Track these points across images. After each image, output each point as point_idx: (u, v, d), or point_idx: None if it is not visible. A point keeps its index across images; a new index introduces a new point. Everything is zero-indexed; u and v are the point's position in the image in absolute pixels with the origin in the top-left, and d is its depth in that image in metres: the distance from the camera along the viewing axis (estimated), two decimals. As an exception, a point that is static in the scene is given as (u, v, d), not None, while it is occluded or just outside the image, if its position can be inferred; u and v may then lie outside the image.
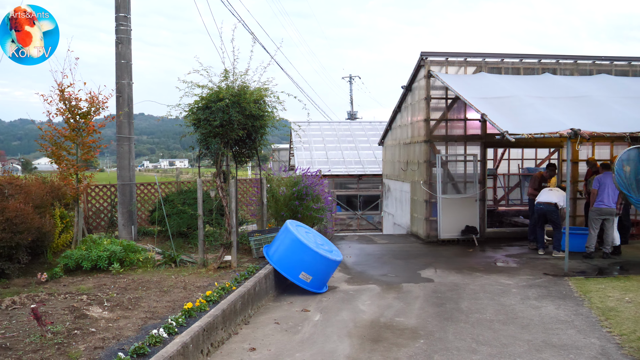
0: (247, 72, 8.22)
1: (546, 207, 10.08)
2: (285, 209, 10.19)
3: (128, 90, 10.54)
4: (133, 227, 10.57)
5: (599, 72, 12.74)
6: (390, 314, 6.55)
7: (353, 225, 21.42)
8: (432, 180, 12.06)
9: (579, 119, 9.04)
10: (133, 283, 6.93)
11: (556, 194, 10.13)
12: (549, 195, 10.17)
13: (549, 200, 10.08)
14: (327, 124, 26.34)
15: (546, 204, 10.08)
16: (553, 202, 10.03)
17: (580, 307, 6.67)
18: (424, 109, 12.17)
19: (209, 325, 5.10)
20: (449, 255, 10.40)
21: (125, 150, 10.56)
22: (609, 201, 9.58)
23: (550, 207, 10.05)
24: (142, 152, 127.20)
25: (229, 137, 7.83)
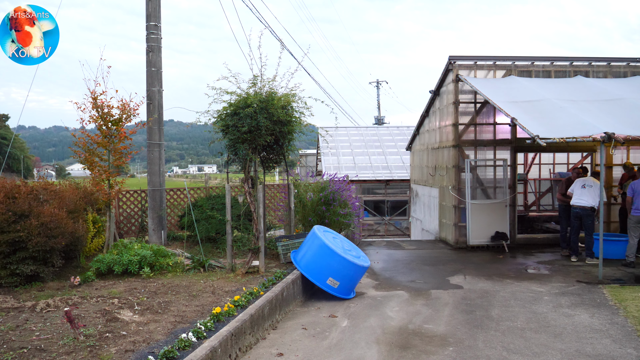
0: (274, 78, 8.29)
1: (582, 212, 9.84)
2: (313, 215, 10.20)
3: (158, 97, 10.72)
4: (163, 232, 10.73)
5: (633, 74, 12.41)
6: (418, 320, 6.48)
7: (380, 231, 21.30)
8: (460, 186, 11.91)
9: (612, 122, 8.81)
10: (163, 287, 7.03)
11: (592, 195, 9.83)
12: (584, 197, 9.88)
13: (585, 205, 9.83)
14: (354, 129, 26.31)
15: (582, 208, 9.85)
16: (589, 205, 9.79)
17: (615, 316, 6.48)
18: (452, 114, 12.05)
19: (237, 330, 5.13)
20: (479, 262, 10.24)
21: (155, 156, 10.74)
22: None
23: (587, 211, 9.81)
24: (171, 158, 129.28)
25: (257, 143, 7.89)
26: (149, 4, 10.50)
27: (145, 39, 10.61)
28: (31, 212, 7.09)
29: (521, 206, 14.76)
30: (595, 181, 9.96)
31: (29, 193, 7.47)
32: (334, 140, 23.02)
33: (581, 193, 9.97)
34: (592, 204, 9.79)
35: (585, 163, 13.67)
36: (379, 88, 49.37)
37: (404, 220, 21.00)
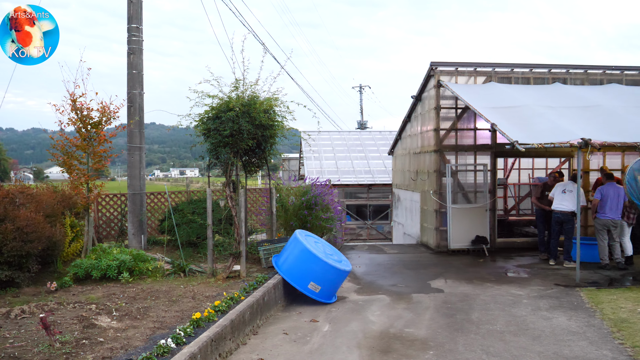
0: (257, 82, 8.29)
1: (563, 217, 9.99)
2: (295, 219, 10.19)
3: (139, 100, 10.63)
4: (143, 237, 10.62)
5: (609, 81, 12.65)
6: (400, 324, 6.50)
7: (363, 235, 21.35)
8: (442, 190, 12.00)
9: (589, 128, 8.97)
10: (142, 292, 6.95)
11: (572, 200, 9.96)
12: (565, 201, 10.00)
13: (566, 209, 9.98)
14: (337, 133, 26.37)
15: (563, 213, 10.00)
16: (570, 210, 9.94)
17: (592, 318, 6.58)
18: (433, 119, 12.14)
19: (218, 335, 5.09)
20: (460, 266, 10.32)
21: (136, 160, 10.63)
22: (611, 212, 9.48)
23: (567, 216, 9.96)
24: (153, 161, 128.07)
25: (239, 147, 7.87)
26: (131, 6, 10.41)
27: (126, 41, 10.52)
28: (6, 216, 6.96)
29: (501, 210, 14.92)
30: (575, 185, 10.12)
31: (4, 196, 7.34)
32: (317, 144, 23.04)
33: (562, 198, 10.10)
34: (573, 209, 9.93)
35: (563, 168, 13.89)
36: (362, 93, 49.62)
37: (386, 224, 21.08)
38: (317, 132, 22.85)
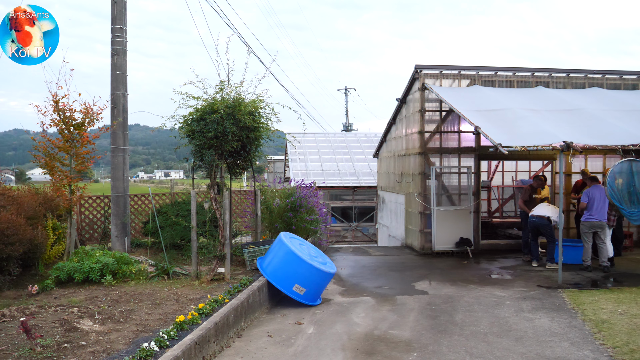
0: (242, 84, 8.26)
1: (539, 220, 10.13)
2: (280, 221, 10.17)
3: (123, 101, 10.54)
4: (126, 239, 10.52)
5: (591, 85, 12.84)
6: (384, 326, 6.52)
7: (348, 237, 21.38)
8: (426, 192, 12.07)
9: (571, 131, 9.09)
10: (125, 295, 6.89)
11: (550, 208, 10.19)
12: (542, 209, 10.23)
13: (542, 214, 10.13)
14: (322, 135, 26.40)
15: (539, 217, 10.14)
16: (546, 215, 10.08)
17: (573, 320, 6.66)
18: (418, 122, 12.22)
19: (201, 338, 5.06)
20: (444, 268, 10.38)
21: (119, 162, 10.54)
22: (598, 214, 9.62)
23: (543, 220, 10.09)
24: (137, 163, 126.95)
25: (223, 149, 7.84)
26: (114, 7, 10.33)
27: (110, 42, 10.43)
28: (-13, 219, 6.85)
29: (485, 213, 15.05)
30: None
31: (-15, 199, 7.22)
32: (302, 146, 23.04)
33: (542, 206, 10.29)
34: (548, 214, 10.07)
35: (546, 171, 14.06)
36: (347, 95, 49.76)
37: (371, 226, 21.14)
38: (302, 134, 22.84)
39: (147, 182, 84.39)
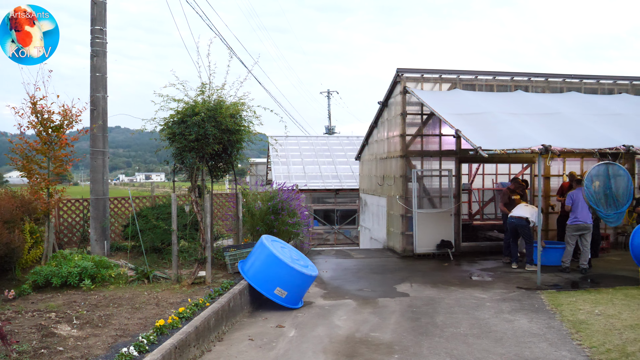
0: (224, 86, 8.24)
1: (517, 222, 10.27)
2: (261, 224, 10.14)
3: (103, 103, 10.42)
4: (106, 243, 10.40)
5: (569, 89, 13.06)
6: (365, 329, 6.54)
7: (330, 240, 21.40)
8: (408, 195, 12.14)
9: (550, 135, 9.23)
10: (104, 300, 6.80)
11: (528, 209, 10.33)
12: (521, 210, 10.37)
13: (520, 215, 10.27)
14: (304, 138, 26.41)
15: (517, 219, 10.28)
16: (524, 216, 10.21)
17: (552, 320, 6.75)
18: (400, 125, 12.29)
19: (181, 342, 5.02)
20: (425, 270, 10.45)
21: (99, 164, 10.42)
22: (583, 216, 9.75)
23: (522, 221, 10.23)
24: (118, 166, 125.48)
25: (205, 152, 7.80)
26: (94, 8, 10.21)
27: (90, 43, 10.30)
28: (-38, 223, 6.71)
29: (466, 215, 15.19)
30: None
31: (-41, 202, 7.07)
32: (285, 149, 23.02)
33: (521, 207, 10.42)
34: (527, 215, 10.21)
35: (526, 174, 14.25)
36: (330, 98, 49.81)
37: (354, 229, 21.18)
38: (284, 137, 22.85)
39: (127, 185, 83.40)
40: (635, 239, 8.75)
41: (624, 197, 8.88)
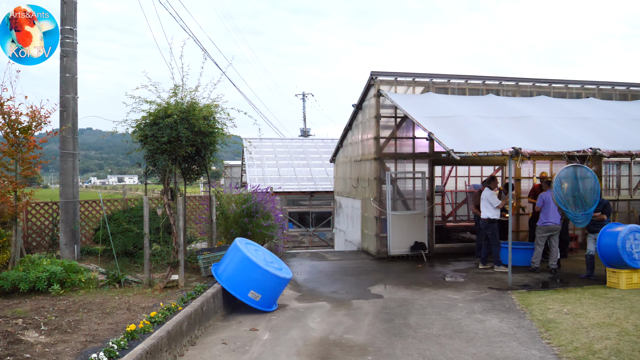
0: (197, 88, 8.17)
1: (481, 223, 10.48)
2: (235, 227, 10.08)
3: (73, 104, 10.23)
4: (76, 247, 10.20)
5: (538, 93, 13.33)
6: (339, 331, 6.55)
7: (305, 242, 21.39)
8: (382, 197, 12.22)
9: (520, 138, 9.41)
10: (74, 305, 6.67)
11: (485, 207, 10.46)
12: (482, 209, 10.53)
13: (482, 216, 10.46)
14: (279, 140, 26.34)
15: (482, 220, 10.48)
16: (485, 217, 10.42)
17: (522, 320, 6.87)
18: (374, 127, 12.37)
19: (153, 347, 4.95)
20: (399, 271, 10.53)
21: (69, 167, 10.22)
22: (553, 218, 9.95)
23: (484, 222, 10.42)
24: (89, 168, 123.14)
25: (177, 154, 7.72)
26: (64, 7, 10.01)
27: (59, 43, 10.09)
28: None
29: (439, 217, 15.36)
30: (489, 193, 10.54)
31: None
32: (259, 151, 22.92)
33: (482, 206, 10.61)
34: (488, 215, 10.39)
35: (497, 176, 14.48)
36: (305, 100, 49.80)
37: (329, 231, 21.21)
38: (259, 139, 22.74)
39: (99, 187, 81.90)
40: (601, 239, 8.97)
41: (592, 198, 9.10)
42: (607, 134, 10.26)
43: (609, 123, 11.06)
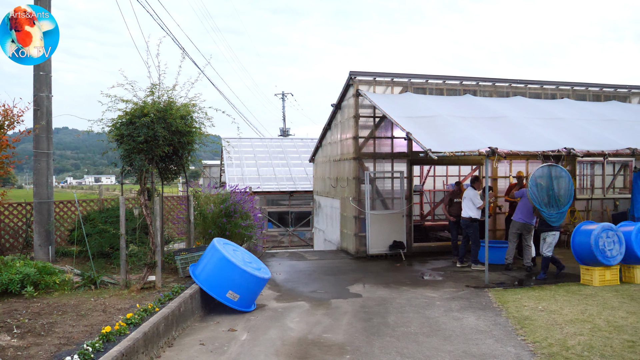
0: (174, 87, 8.09)
1: (462, 222, 10.58)
2: (214, 227, 10.02)
3: (47, 103, 10.06)
4: (50, 248, 10.02)
5: (514, 94, 13.52)
6: (318, 330, 6.56)
7: (285, 242, 21.35)
8: (361, 197, 12.26)
9: (496, 138, 9.53)
10: (48, 307, 6.55)
11: (466, 207, 10.60)
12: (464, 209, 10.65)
13: (463, 215, 10.58)
14: (258, 140, 26.26)
15: (462, 219, 10.59)
16: (467, 216, 10.52)
17: (498, 317, 6.96)
18: (353, 127, 12.41)
19: (129, 349, 4.89)
20: (378, 270, 10.57)
21: (43, 167, 10.04)
22: (529, 217, 10.10)
23: (465, 221, 10.53)
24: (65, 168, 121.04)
25: (154, 154, 7.64)
26: (38, 4, 9.81)
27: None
28: None
29: (417, 216, 15.47)
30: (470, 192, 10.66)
31: None
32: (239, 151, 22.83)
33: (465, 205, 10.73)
34: (470, 215, 10.52)
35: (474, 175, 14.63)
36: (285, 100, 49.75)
37: (308, 231, 21.22)
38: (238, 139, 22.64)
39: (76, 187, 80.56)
40: (575, 237, 9.15)
41: (566, 197, 9.26)
42: (581, 134, 10.46)
43: (583, 123, 11.27)
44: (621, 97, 14.63)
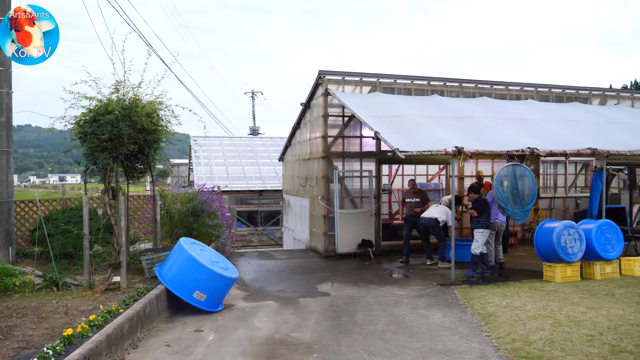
0: (140, 84, 7.94)
1: (427, 222, 10.77)
2: (180, 227, 9.88)
3: (7, 99, 9.76)
4: (11, 249, 9.72)
5: (481, 94, 13.76)
6: (286, 329, 6.54)
7: (254, 241, 21.24)
8: (330, 196, 12.29)
9: (463, 137, 9.68)
10: (7, 310, 6.35)
11: (438, 210, 10.82)
12: (431, 211, 10.86)
13: (430, 216, 10.77)
14: (227, 139, 26.05)
15: (427, 219, 10.77)
16: (433, 217, 10.72)
17: (464, 314, 7.08)
18: (322, 126, 12.42)
19: (91, 352, 4.78)
20: (346, 269, 10.62)
21: (2, 165, 9.73)
22: (498, 215, 10.27)
23: (431, 221, 10.71)
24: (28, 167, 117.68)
25: (119, 152, 7.48)
26: (-4, -2, 9.51)
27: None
28: None
29: (386, 215, 15.60)
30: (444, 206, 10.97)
31: None
32: (207, 150, 22.60)
33: (432, 208, 10.92)
34: (436, 216, 10.71)
35: (442, 175, 14.84)
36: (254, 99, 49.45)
37: (277, 230, 21.15)
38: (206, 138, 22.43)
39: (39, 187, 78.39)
40: (538, 235, 9.37)
41: (530, 196, 9.47)
42: (544, 135, 10.71)
43: (546, 124, 11.55)
44: (582, 98, 15.05)
